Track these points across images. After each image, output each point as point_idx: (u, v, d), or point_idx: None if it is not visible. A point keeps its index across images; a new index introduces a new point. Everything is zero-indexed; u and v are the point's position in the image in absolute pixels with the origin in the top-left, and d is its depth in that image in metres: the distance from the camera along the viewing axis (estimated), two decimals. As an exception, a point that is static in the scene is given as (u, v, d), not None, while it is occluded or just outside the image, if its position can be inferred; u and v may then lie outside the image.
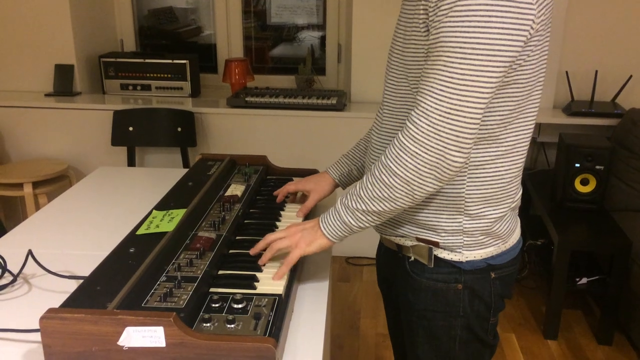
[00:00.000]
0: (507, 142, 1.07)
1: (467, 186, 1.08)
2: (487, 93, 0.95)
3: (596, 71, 3.01)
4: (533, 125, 1.10)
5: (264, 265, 1.14)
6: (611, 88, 3.07)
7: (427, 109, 0.96)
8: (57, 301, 1.08)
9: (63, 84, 3.18)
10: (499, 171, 1.09)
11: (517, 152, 1.09)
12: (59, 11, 3.09)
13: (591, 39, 3.04)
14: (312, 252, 1.13)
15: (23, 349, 1.00)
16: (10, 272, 1.22)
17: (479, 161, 1.07)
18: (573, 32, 3.03)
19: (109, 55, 3.21)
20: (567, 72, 3.04)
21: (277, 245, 1.13)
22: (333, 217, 1.11)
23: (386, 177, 1.02)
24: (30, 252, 1.24)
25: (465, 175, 1.08)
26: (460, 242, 1.12)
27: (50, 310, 0.87)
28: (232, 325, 0.93)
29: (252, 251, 1.17)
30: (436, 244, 1.13)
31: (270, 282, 1.08)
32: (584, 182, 2.58)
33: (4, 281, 1.20)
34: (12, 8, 3.10)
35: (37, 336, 1.02)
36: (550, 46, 1.25)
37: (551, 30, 1.06)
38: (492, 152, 1.07)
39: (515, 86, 1.02)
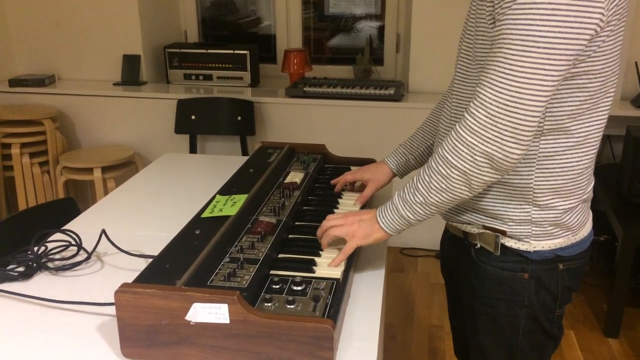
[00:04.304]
0: (578, 133, 1.05)
1: (536, 177, 1.07)
2: (549, 87, 0.94)
3: (668, 61, 2.87)
4: (607, 117, 1.07)
5: (322, 250, 1.17)
6: (684, 79, 2.93)
7: (485, 100, 0.96)
8: (127, 278, 1.14)
9: (130, 73, 3.31)
10: (570, 162, 1.07)
11: (589, 143, 1.07)
12: (127, 4, 3.21)
13: (664, 27, 2.90)
14: (368, 244, 1.15)
15: (97, 321, 1.07)
16: (85, 249, 1.31)
17: (548, 152, 1.06)
18: (644, 20, 2.90)
19: (174, 45, 3.32)
20: (636, 62, 2.92)
21: (334, 232, 1.16)
22: (391, 210, 1.12)
23: (443, 168, 1.03)
24: (103, 232, 1.32)
25: (534, 166, 1.07)
26: (529, 232, 1.11)
27: (124, 285, 0.93)
28: (292, 306, 0.97)
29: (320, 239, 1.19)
30: (503, 233, 1.12)
31: (328, 266, 1.11)
32: (652, 177, 2.48)
33: (79, 258, 1.28)
34: (84, 2, 3.25)
35: (110, 309, 1.09)
36: (619, 35, 1.22)
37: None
38: (563, 143, 1.05)
39: (587, 77, 1.00)
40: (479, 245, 1.17)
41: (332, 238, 1.16)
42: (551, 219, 1.10)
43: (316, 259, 1.14)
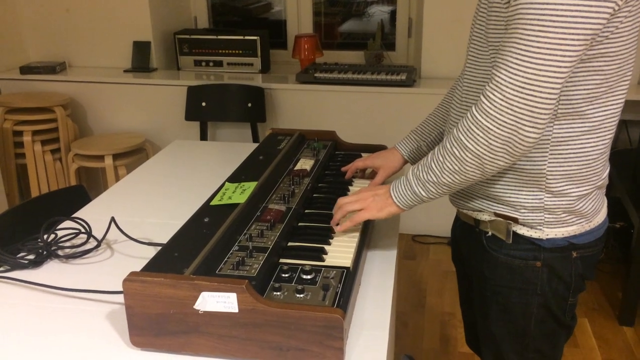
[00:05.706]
0: (594, 117, 1.03)
1: (549, 163, 1.05)
2: (566, 68, 0.91)
3: (688, 44, 2.80)
4: (623, 101, 1.04)
5: (336, 225, 1.18)
6: None
7: (501, 83, 0.94)
8: (136, 266, 1.14)
9: (140, 60, 3.30)
10: (585, 148, 1.05)
11: (605, 128, 1.05)
12: (136, -11, 3.20)
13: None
14: (381, 218, 1.15)
15: (106, 309, 1.07)
16: (94, 237, 1.30)
17: (562, 137, 1.03)
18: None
19: (184, 32, 3.30)
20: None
21: (348, 207, 1.16)
22: (404, 186, 1.12)
23: (457, 150, 1.01)
24: (113, 219, 1.31)
25: (547, 152, 1.05)
26: (541, 219, 1.09)
27: (133, 274, 0.92)
28: (302, 295, 0.95)
29: (333, 222, 1.20)
30: (515, 220, 1.11)
31: (338, 255, 1.10)
32: (670, 163, 2.44)
33: (88, 246, 1.28)
34: (94, -13, 3.24)
35: (119, 298, 1.08)
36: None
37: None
38: (578, 127, 1.03)
39: (603, 59, 0.97)
40: (490, 233, 1.15)
41: (346, 212, 1.17)
42: (564, 206, 1.08)
43: (326, 247, 1.13)
